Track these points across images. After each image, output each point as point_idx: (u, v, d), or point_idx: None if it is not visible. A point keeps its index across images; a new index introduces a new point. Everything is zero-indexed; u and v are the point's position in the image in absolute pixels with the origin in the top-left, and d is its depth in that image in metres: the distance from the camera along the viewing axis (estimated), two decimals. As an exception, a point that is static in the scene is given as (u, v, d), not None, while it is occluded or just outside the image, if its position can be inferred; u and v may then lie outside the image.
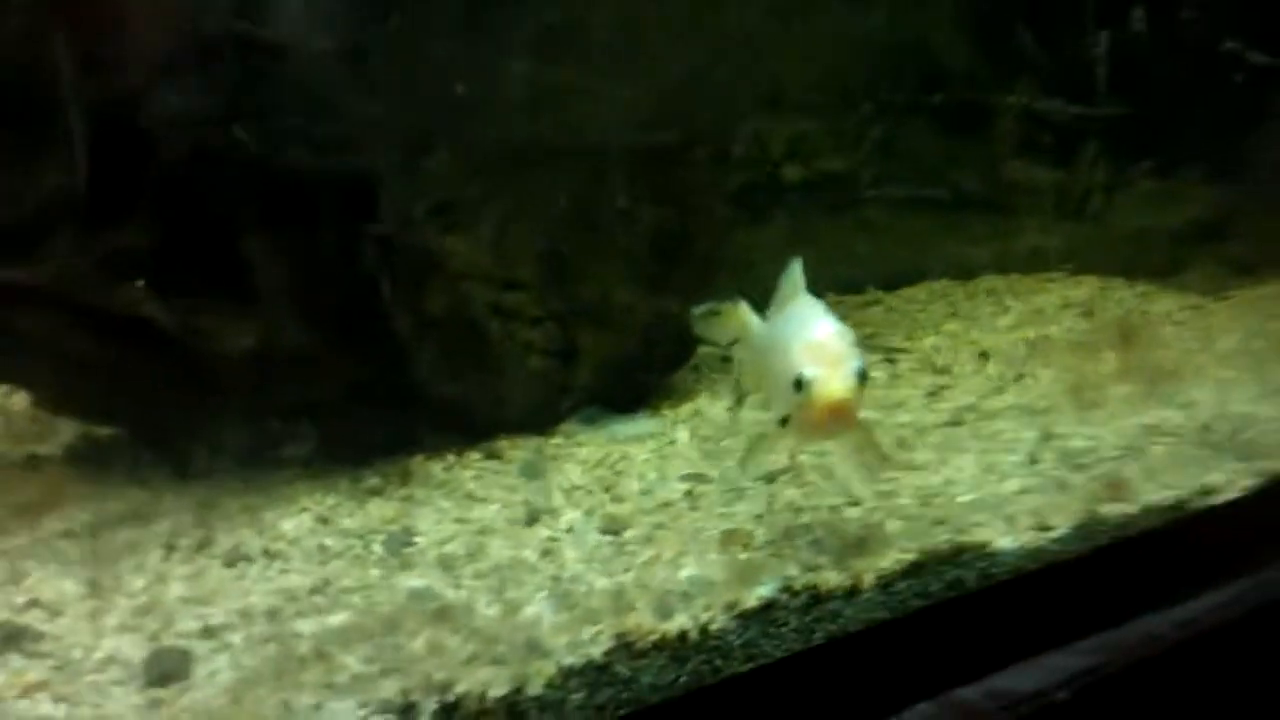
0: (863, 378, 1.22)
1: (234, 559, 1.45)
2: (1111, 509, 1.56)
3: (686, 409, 1.95)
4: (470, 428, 1.79)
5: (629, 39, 1.63)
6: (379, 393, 1.70)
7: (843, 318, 1.31)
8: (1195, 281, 2.43)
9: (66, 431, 1.81)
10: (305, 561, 1.45)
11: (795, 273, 1.40)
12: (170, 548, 1.49)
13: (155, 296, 1.55)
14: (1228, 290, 2.43)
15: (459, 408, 1.77)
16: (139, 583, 1.39)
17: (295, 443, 1.69)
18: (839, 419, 1.24)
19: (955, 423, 1.86)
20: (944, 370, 2.11)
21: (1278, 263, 2.43)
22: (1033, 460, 1.70)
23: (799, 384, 1.22)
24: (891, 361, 2.15)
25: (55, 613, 1.31)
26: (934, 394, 1.99)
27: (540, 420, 1.86)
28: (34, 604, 1.32)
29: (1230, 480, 1.70)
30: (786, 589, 1.28)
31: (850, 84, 2.32)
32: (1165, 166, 2.28)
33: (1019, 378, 2.04)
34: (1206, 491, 1.67)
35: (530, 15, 1.53)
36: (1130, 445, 1.75)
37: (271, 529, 1.54)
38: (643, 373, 1.96)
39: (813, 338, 1.27)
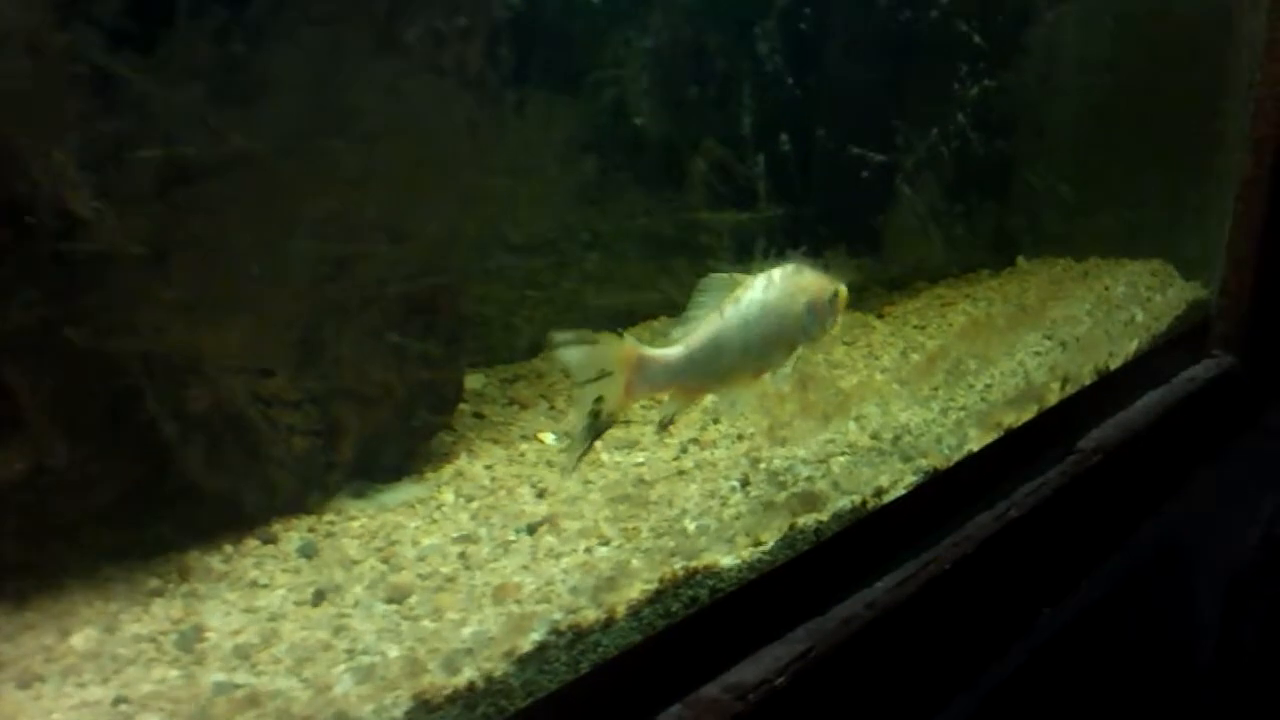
0: None
1: (27, 680, 1.50)
2: (807, 519, 1.91)
3: (448, 470, 2.13)
4: (243, 516, 1.89)
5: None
6: (151, 496, 1.78)
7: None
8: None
9: None
10: (99, 673, 1.52)
11: (722, 275, 1.80)
12: (-48, 678, 1.51)
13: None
14: (883, 308, 3.01)
15: (230, 499, 1.87)
16: (-73, 720, 1.42)
17: (70, 555, 1.72)
18: None
19: (683, 453, 2.18)
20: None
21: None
22: (745, 484, 2.04)
23: (834, 296, 1.84)
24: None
25: None
26: (664, 428, 2.28)
27: (311, 500, 1.98)
28: None
29: (896, 480, 2.11)
30: (554, 631, 1.52)
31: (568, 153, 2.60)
32: (819, 248, 2.82)
33: (731, 404, 2.38)
34: (879, 492, 2.06)
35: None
36: (818, 459, 2.13)
37: (59, 645, 1.58)
38: (403, 442, 2.13)
39: (810, 277, 1.84)
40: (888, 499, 2.07)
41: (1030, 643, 2.53)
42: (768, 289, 1.82)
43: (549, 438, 2.26)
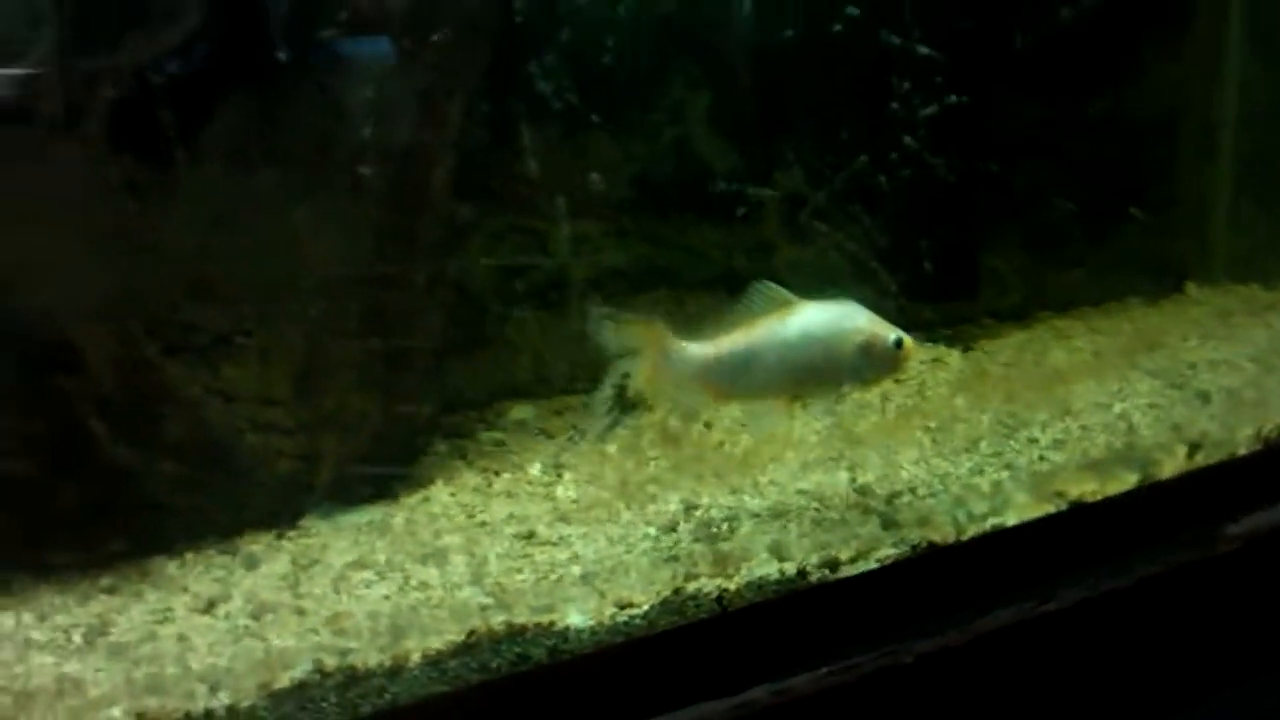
0: None
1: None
2: (705, 584, 1.68)
3: (418, 496, 2.16)
4: (213, 529, 2.06)
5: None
6: (114, 509, 2.00)
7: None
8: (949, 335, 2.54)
9: None
10: (11, 652, 1.72)
11: (774, 289, 1.79)
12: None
13: None
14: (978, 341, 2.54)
15: (200, 514, 2.05)
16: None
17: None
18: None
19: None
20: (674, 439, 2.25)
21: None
22: (671, 530, 1.84)
23: (899, 343, 1.76)
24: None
25: None
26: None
27: (287, 517, 2.12)
28: None
29: (865, 550, 1.78)
30: (318, 670, 1.49)
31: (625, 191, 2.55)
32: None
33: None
34: (831, 564, 1.75)
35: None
36: (772, 513, 1.86)
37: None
38: (378, 468, 2.21)
39: (869, 319, 1.79)
40: (844, 574, 1.75)
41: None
42: (816, 319, 1.78)
43: (534, 468, 2.22)
